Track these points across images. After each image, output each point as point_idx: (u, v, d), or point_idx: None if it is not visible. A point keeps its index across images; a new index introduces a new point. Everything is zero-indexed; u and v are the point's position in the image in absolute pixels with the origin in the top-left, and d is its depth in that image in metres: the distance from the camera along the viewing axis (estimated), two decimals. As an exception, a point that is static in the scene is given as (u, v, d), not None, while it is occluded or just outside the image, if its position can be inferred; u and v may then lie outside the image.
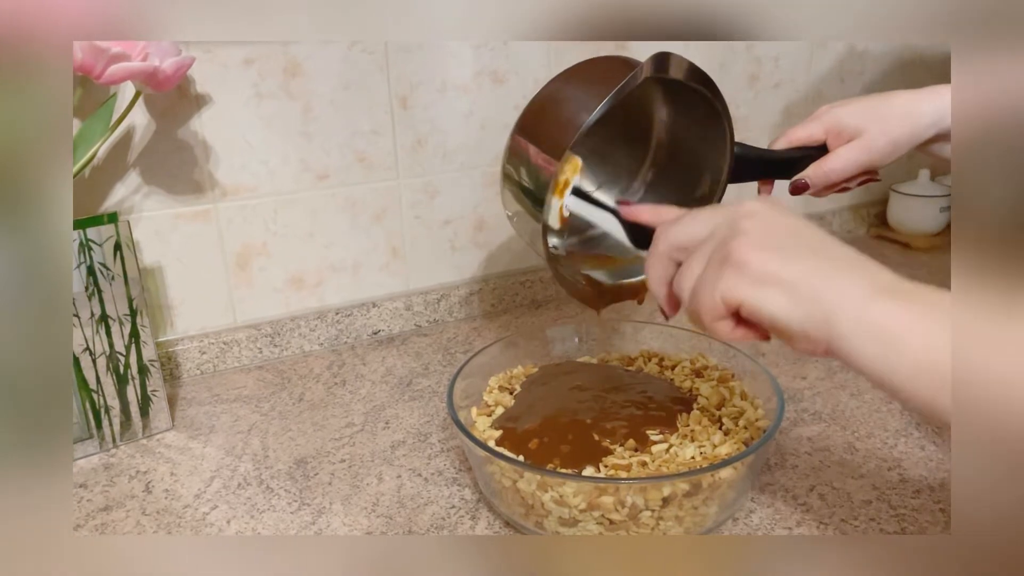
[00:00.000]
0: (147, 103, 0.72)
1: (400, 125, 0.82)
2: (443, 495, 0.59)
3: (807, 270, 0.40)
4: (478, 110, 0.85)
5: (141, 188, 0.74)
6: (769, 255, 0.41)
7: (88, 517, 0.58)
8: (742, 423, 0.57)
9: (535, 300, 0.95)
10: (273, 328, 0.82)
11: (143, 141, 0.73)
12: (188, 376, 0.79)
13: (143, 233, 0.75)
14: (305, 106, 0.78)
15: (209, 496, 0.60)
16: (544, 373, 0.66)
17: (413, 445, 0.66)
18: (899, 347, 0.36)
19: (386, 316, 0.87)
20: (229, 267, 0.80)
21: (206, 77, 0.73)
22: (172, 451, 0.66)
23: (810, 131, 0.64)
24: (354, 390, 0.76)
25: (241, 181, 0.78)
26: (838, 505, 0.56)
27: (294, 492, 0.60)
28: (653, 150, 0.66)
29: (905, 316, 0.37)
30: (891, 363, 0.36)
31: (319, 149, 0.80)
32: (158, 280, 0.77)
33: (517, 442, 0.56)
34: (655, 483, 0.48)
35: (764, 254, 0.41)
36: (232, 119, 0.75)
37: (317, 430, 0.69)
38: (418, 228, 0.87)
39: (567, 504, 0.49)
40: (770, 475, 0.59)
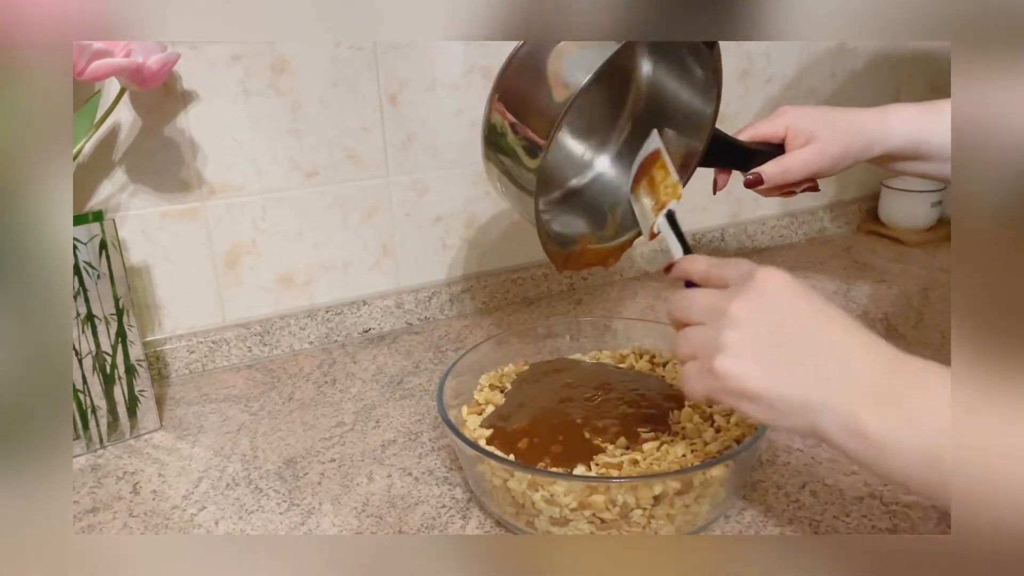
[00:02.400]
0: (133, 100, 0.71)
1: (389, 122, 0.82)
2: (434, 494, 0.58)
3: (791, 381, 0.40)
4: (468, 107, 0.84)
5: (127, 186, 0.73)
6: (750, 368, 0.41)
7: (75, 519, 0.57)
8: (733, 420, 0.57)
9: (527, 297, 0.94)
10: (263, 327, 0.81)
11: (129, 138, 0.72)
12: (177, 376, 0.79)
13: (130, 232, 0.74)
14: (294, 103, 0.77)
15: (197, 497, 0.59)
16: (535, 371, 0.66)
17: (404, 444, 0.65)
18: (888, 455, 0.37)
19: (377, 314, 0.87)
20: (218, 266, 0.79)
21: (193, 74, 0.72)
22: (160, 451, 0.66)
23: (774, 127, 0.64)
24: (344, 389, 0.75)
25: (229, 179, 0.77)
26: (830, 502, 0.55)
27: (283, 492, 0.59)
28: (631, 101, 0.65)
29: (893, 425, 0.37)
30: (882, 467, 0.38)
31: (308, 147, 0.79)
32: (146, 279, 0.77)
33: (507, 441, 0.55)
34: (646, 482, 0.48)
35: (744, 368, 0.41)
36: (219, 116, 0.75)
37: (307, 429, 0.68)
38: (408, 226, 0.87)
39: (558, 503, 0.49)
40: (762, 472, 0.59)
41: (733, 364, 0.41)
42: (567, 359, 0.69)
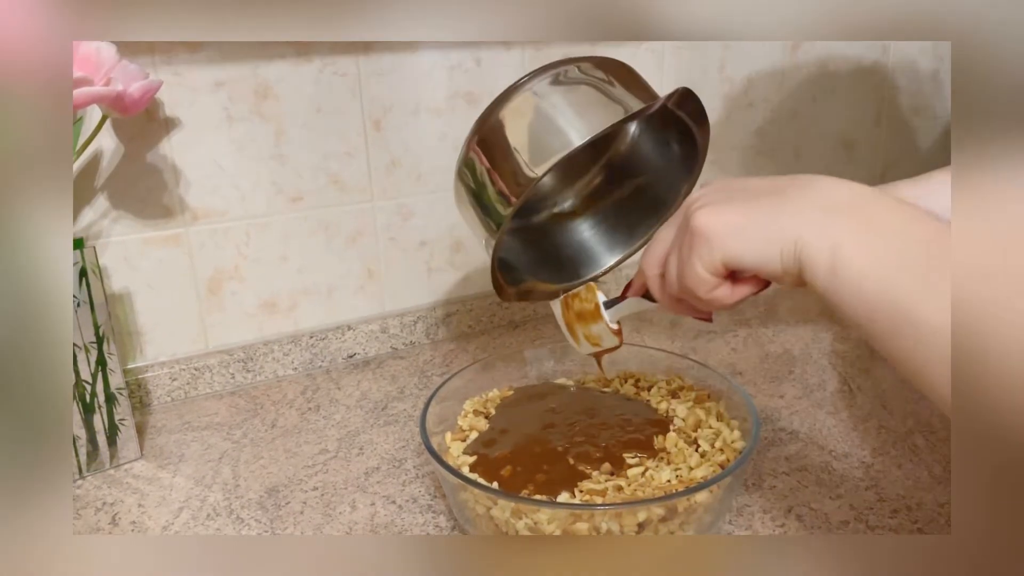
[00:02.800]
0: (115, 127, 0.71)
1: (374, 147, 0.82)
2: (417, 522, 0.58)
3: (765, 208, 0.41)
4: (452, 132, 0.85)
5: (109, 213, 0.73)
6: (725, 210, 0.42)
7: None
8: (718, 444, 0.57)
9: (512, 321, 0.94)
10: (246, 353, 0.81)
11: (111, 165, 0.72)
12: (158, 404, 0.78)
13: (111, 258, 0.74)
14: (277, 129, 0.77)
15: (177, 528, 0.58)
16: (519, 396, 0.66)
17: (388, 471, 0.64)
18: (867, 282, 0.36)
19: (361, 339, 0.86)
20: (200, 292, 0.79)
21: (175, 100, 0.72)
22: (140, 481, 0.65)
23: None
24: (328, 415, 0.75)
25: (212, 205, 0.77)
26: (815, 526, 0.55)
27: (264, 522, 0.59)
28: (611, 152, 0.65)
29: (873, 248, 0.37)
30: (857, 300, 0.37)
31: (292, 172, 0.79)
32: (127, 306, 0.76)
33: (491, 468, 0.55)
34: (630, 508, 0.48)
35: (721, 213, 0.42)
36: (203, 142, 0.74)
37: (290, 457, 0.67)
38: (393, 250, 0.86)
39: (541, 531, 0.48)
40: (748, 497, 0.59)
41: (709, 213, 0.42)
42: (552, 383, 0.69)
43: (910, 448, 0.64)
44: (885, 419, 0.68)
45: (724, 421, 0.60)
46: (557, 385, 0.68)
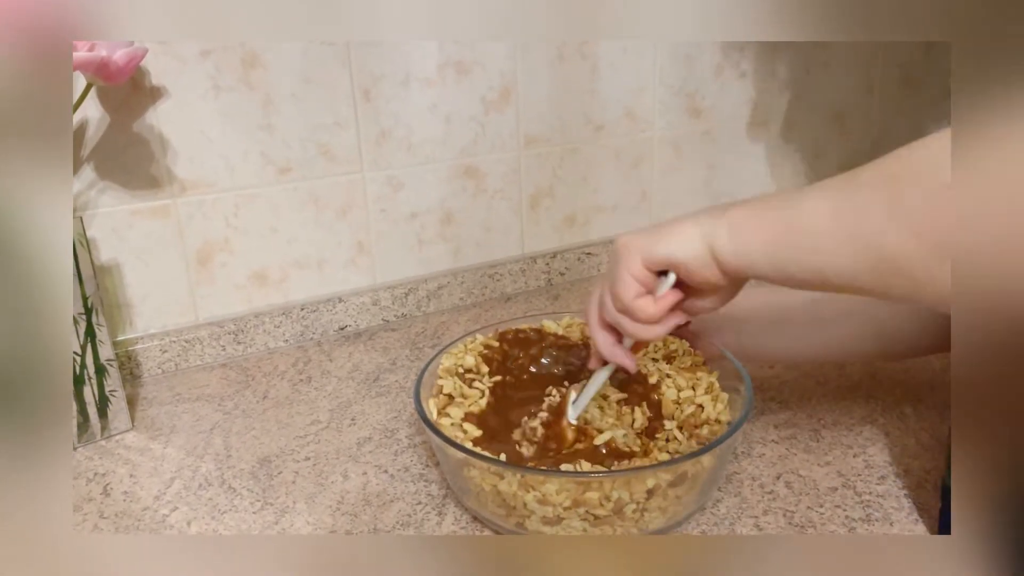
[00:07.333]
0: (100, 96, 0.70)
1: (363, 118, 0.81)
2: (409, 491, 0.58)
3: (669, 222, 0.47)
4: (443, 102, 0.84)
5: (96, 183, 0.72)
6: (642, 232, 0.48)
7: (43, 522, 0.56)
8: (703, 417, 0.56)
9: (504, 293, 0.94)
10: (236, 325, 0.81)
11: (97, 135, 0.71)
12: (149, 375, 0.78)
13: (99, 230, 0.73)
14: (265, 99, 0.76)
15: (169, 498, 0.58)
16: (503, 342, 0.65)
17: (380, 441, 0.65)
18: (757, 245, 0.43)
19: (353, 311, 0.86)
20: (190, 264, 0.78)
21: (161, 69, 0.71)
22: (131, 452, 0.65)
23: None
24: (320, 387, 0.75)
25: (200, 176, 0.76)
26: (804, 493, 0.56)
27: (257, 492, 0.59)
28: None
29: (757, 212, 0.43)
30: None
31: (280, 143, 0.78)
32: (116, 278, 0.75)
33: (494, 439, 0.54)
34: (639, 475, 0.48)
35: (637, 231, 0.48)
36: (190, 112, 0.74)
37: (281, 428, 0.67)
38: (384, 222, 0.86)
39: (550, 502, 0.48)
40: (737, 464, 0.59)
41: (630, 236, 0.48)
42: (539, 329, 0.66)
43: (898, 416, 0.64)
44: (873, 389, 0.69)
45: (712, 393, 0.58)
46: (545, 332, 0.66)
